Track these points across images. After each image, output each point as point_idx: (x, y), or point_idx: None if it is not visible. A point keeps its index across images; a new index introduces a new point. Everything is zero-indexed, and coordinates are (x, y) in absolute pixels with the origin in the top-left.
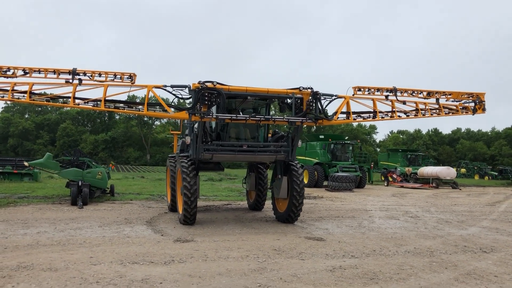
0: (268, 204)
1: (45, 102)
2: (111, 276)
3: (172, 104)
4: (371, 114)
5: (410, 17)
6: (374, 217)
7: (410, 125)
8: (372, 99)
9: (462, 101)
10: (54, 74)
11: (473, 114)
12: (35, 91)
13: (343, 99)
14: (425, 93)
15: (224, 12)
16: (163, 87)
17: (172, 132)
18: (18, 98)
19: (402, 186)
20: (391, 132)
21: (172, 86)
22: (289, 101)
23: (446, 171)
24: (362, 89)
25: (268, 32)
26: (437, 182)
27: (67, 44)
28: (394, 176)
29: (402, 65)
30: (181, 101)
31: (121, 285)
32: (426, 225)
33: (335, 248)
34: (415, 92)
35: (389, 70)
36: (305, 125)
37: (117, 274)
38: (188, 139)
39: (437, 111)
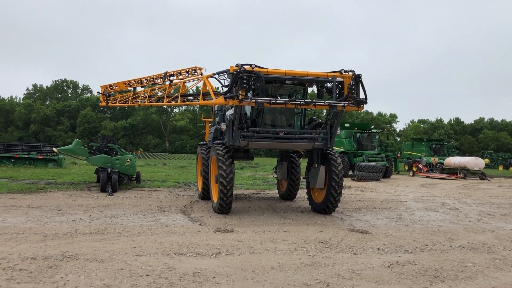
0: (299, 193)
1: (155, 103)
2: (160, 269)
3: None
4: None
5: (425, 18)
6: (412, 209)
7: (431, 114)
8: None
9: None
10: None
11: None
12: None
13: None
14: None
15: (247, 12)
16: (213, 75)
17: (203, 119)
18: (143, 102)
19: (428, 177)
20: (412, 121)
21: (217, 73)
22: (329, 85)
23: (474, 162)
24: None
25: (288, 30)
26: (465, 173)
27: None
28: (420, 166)
29: (415, 64)
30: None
31: (173, 279)
32: (470, 218)
33: (385, 242)
34: None
35: (402, 67)
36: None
37: (166, 267)
38: (224, 126)
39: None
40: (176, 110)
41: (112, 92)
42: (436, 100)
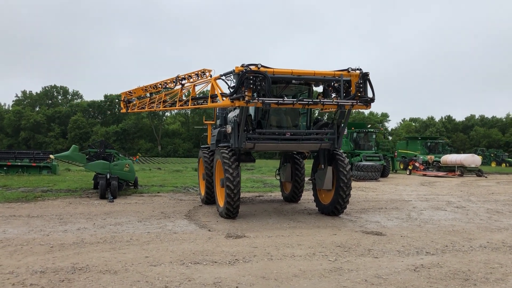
0: (302, 195)
1: (169, 107)
2: (178, 279)
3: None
4: None
5: (415, 17)
6: (419, 208)
7: (422, 112)
8: None
9: None
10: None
11: None
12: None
13: None
14: None
15: (238, 14)
16: (220, 77)
17: (206, 122)
18: (158, 107)
19: (425, 175)
20: (403, 120)
21: (223, 75)
22: (335, 84)
23: (471, 159)
24: None
25: (280, 32)
26: (462, 170)
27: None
28: (416, 164)
29: (405, 63)
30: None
31: None
32: (480, 217)
33: (403, 244)
34: None
35: (393, 66)
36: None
37: (184, 277)
38: (229, 128)
39: None
40: (167, 113)
41: (132, 99)
42: (427, 98)
